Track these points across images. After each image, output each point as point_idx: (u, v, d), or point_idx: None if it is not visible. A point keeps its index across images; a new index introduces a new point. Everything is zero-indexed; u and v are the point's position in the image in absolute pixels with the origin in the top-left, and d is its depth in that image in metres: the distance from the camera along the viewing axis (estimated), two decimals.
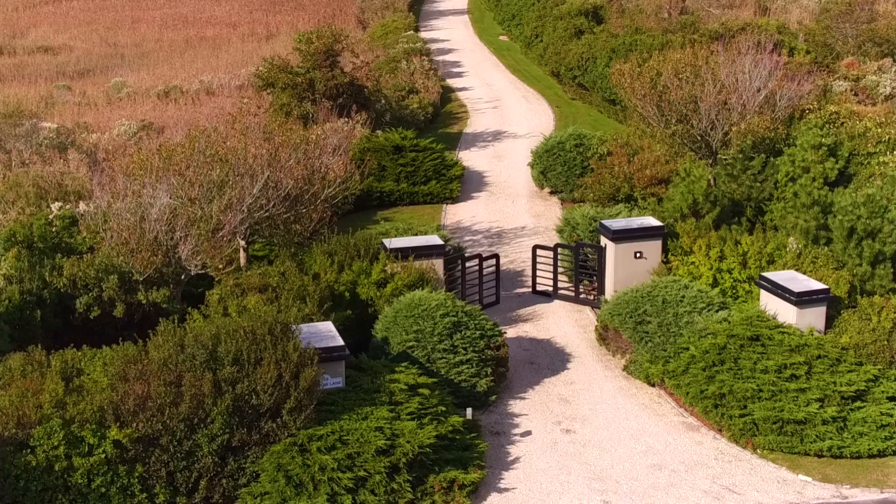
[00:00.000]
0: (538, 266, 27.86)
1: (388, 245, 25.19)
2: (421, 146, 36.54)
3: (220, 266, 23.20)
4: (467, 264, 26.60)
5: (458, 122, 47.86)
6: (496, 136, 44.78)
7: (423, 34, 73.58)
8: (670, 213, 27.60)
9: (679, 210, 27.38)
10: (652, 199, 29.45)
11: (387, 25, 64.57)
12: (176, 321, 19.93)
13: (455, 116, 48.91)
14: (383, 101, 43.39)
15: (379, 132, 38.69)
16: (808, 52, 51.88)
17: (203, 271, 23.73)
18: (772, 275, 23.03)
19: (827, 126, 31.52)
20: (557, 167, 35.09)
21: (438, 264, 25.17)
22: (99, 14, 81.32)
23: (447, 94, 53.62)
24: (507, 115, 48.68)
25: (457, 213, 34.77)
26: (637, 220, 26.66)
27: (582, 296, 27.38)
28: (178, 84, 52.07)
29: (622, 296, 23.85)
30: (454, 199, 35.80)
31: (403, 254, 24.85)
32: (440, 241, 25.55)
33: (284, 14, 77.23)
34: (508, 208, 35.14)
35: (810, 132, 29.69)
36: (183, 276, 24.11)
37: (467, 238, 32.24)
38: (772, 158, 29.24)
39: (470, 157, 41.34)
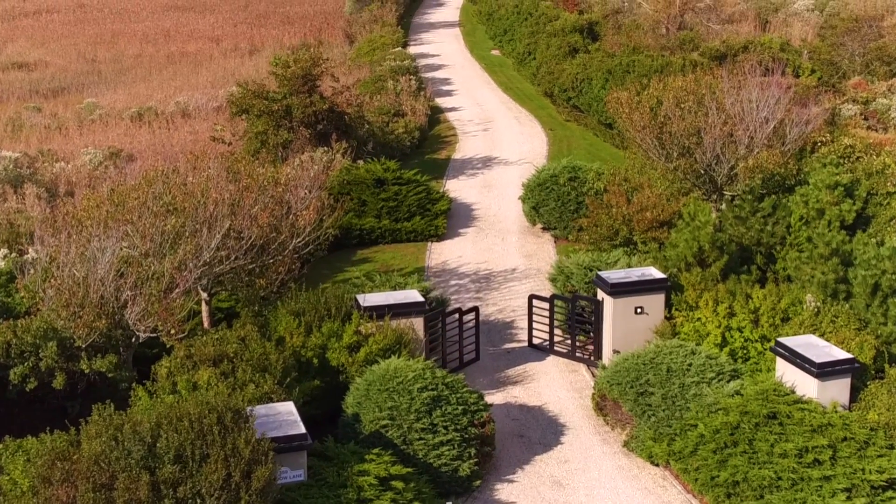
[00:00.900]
0: (534, 317, 25.42)
1: (362, 303, 22.74)
2: (405, 178, 34.11)
3: (173, 331, 20.72)
4: (448, 318, 24.17)
5: (447, 146, 45.45)
6: (486, 162, 42.36)
7: (413, 49, 71.27)
8: (673, 261, 25.18)
9: (683, 258, 24.97)
10: (653, 244, 27.05)
11: (374, 41, 62.18)
12: (125, 392, 17.47)
13: (443, 140, 46.49)
14: (367, 127, 40.97)
15: (360, 162, 36.27)
16: (813, 72, 49.62)
17: (154, 335, 21.25)
18: (789, 340, 20.61)
19: (842, 162, 29.13)
20: (550, 202, 32.68)
21: (418, 323, 22.73)
22: (79, 27, 78.88)
23: (436, 114, 51.22)
24: (498, 138, 46.28)
25: (442, 253, 32.34)
26: (637, 272, 24.25)
27: (578, 353, 24.94)
28: (154, 105, 49.61)
29: (622, 362, 21.40)
30: (440, 237, 33.35)
31: (379, 312, 22.40)
32: (420, 298, 23.09)
33: (270, 28, 74.83)
34: (498, 246, 32.70)
35: (825, 170, 27.31)
36: (133, 339, 21.65)
37: (453, 282, 29.81)
38: (783, 199, 26.83)
39: (458, 187, 38.91)
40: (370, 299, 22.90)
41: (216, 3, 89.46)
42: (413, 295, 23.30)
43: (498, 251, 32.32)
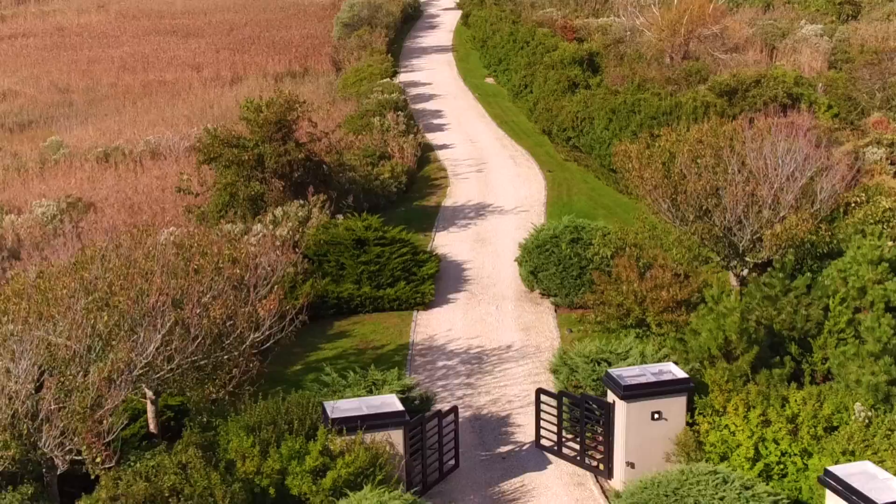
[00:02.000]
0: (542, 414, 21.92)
1: (330, 413, 19.22)
2: (388, 238, 30.63)
3: (98, 459, 17.18)
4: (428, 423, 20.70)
5: (437, 190, 41.99)
6: (479, 210, 38.90)
7: (404, 76, 67.90)
8: (695, 352, 21.71)
9: (706, 350, 21.50)
10: (669, 327, 23.58)
11: (361, 71, 58.78)
12: None
13: (433, 184, 43.03)
14: (349, 174, 37.52)
15: (340, 217, 32.79)
16: (829, 107, 46.30)
17: (78, 458, 17.71)
18: (840, 470, 17.11)
19: (883, 230, 25.70)
20: (550, 267, 29.21)
21: (397, 437, 19.23)
22: (54, 53, 75.45)
23: (426, 152, 47.79)
24: (492, 181, 42.85)
25: (429, 324, 28.82)
26: (653, 369, 20.77)
27: (587, 460, 21.41)
28: (122, 145, 46.14)
29: (638, 492, 17.88)
30: (427, 305, 29.85)
31: (351, 425, 18.89)
32: (398, 406, 19.58)
33: (253, 54, 71.45)
34: (492, 317, 29.20)
35: (865, 241, 23.86)
36: (58, 462, 18.12)
37: (441, 364, 26.29)
38: (819, 277, 23.38)
39: (448, 241, 35.44)
40: (340, 408, 19.39)
41: (200, 27, 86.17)
42: (390, 402, 19.79)
43: (492, 322, 28.81)
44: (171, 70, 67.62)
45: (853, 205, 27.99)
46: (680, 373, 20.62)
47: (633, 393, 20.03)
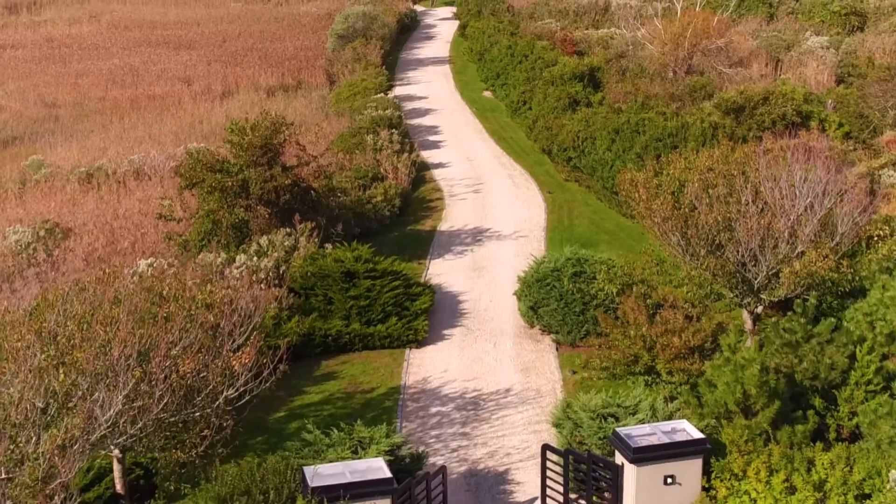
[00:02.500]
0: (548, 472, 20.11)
1: (310, 480, 17.42)
2: (379, 270, 28.83)
3: None
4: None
5: (432, 213, 40.23)
6: (476, 235, 37.15)
7: (399, 89, 66.20)
8: (711, 407, 19.94)
9: (723, 405, 19.72)
10: (680, 375, 21.81)
11: (354, 85, 57.05)
12: None
13: (428, 206, 41.27)
14: (340, 198, 35.76)
15: (329, 247, 31.00)
16: (840, 125, 44.62)
17: None
18: None
19: None
20: (551, 302, 27.44)
21: None
22: (42, 66, 73.71)
23: (421, 171, 46.04)
24: (489, 202, 41.09)
25: (423, 365, 27.01)
26: (666, 427, 19.00)
27: None
28: (105, 164, 44.34)
29: None
30: (420, 342, 28.05)
31: (332, 494, 17.11)
32: (385, 473, 17.79)
33: (245, 67, 69.72)
34: (489, 356, 27.41)
35: (892, 281, 22.10)
36: None
37: (434, 410, 24.49)
38: (843, 322, 21.62)
39: (444, 270, 33.67)
40: (322, 474, 17.60)
41: (192, 38, 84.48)
42: (377, 466, 18.00)
43: (489, 362, 27.01)
44: (160, 83, 65.87)
45: (876, 238, 26.23)
46: (695, 432, 18.84)
47: (643, 456, 18.26)
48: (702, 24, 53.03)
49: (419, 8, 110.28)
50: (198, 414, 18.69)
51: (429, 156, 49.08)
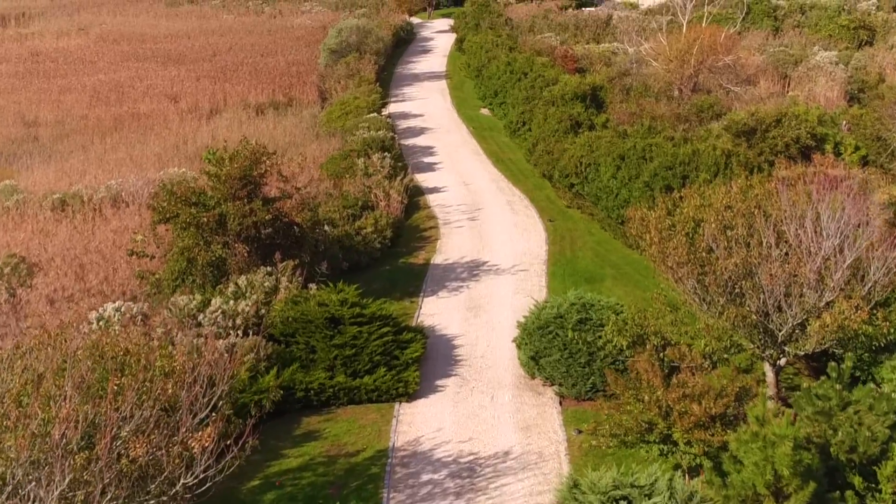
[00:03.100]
0: None
1: None
2: (367, 315, 26.45)
3: None
4: None
5: (426, 244, 37.89)
6: (473, 269, 34.80)
7: (394, 106, 63.96)
8: (737, 489, 17.57)
9: (751, 487, 17.36)
10: (700, 445, 19.46)
11: (346, 104, 54.74)
12: None
13: (422, 235, 38.94)
14: (327, 229, 33.43)
15: (313, 287, 28.67)
16: (857, 149, 42.35)
17: None
18: None
19: None
20: (554, 352, 25.08)
21: None
22: (25, 81, 71.43)
23: (415, 197, 43.75)
24: (487, 232, 38.76)
25: (413, 423, 24.62)
26: None
27: None
28: (81, 190, 41.99)
29: None
30: (411, 396, 25.67)
31: None
32: None
33: (235, 83, 67.40)
34: (486, 412, 25.02)
35: None
36: None
37: (425, 478, 22.10)
38: (884, 388, 19.28)
39: (437, 309, 31.33)
40: None
41: (182, 52, 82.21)
42: None
43: (486, 419, 24.63)
44: (146, 101, 63.57)
45: None
46: None
47: None
48: (708, 40, 50.78)
49: (416, 20, 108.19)
50: (153, 502, 16.34)
51: (423, 179, 46.79)
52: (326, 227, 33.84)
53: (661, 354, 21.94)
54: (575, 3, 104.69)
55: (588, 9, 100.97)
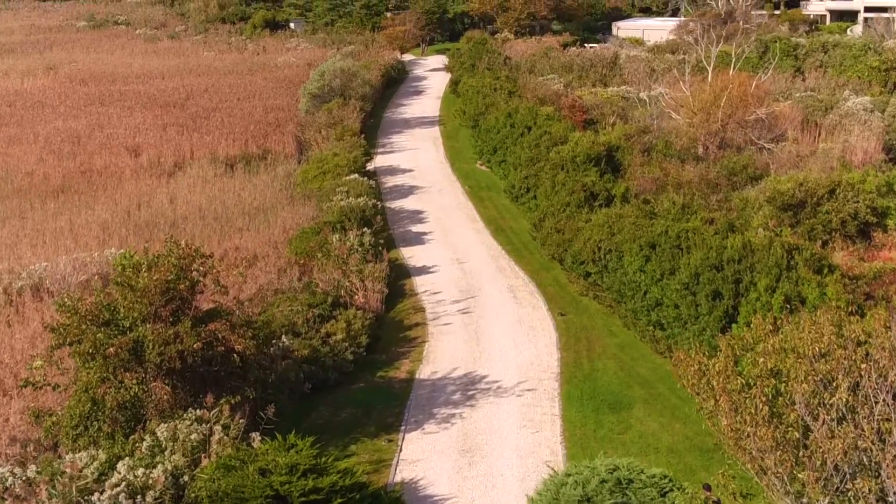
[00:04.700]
0: None
1: None
2: (325, 486, 19.50)
3: None
4: None
5: (410, 349, 30.98)
6: (468, 387, 27.88)
7: (380, 159, 57.44)
8: None
9: None
10: None
11: (324, 161, 48.00)
12: None
13: (406, 336, 32.04)
14: (285, 342, 26.55)
15: (256, 438, 21.73)
16: None
17: None
18: None
19: None
20: None
21: None
22: None
23: (400, 279, 36.98)
24: (485, 331, 31.88)
25: None
26: None
27: None
28: (1, 274, 35.09)
29: None
30: None
31: None
32: None
33: (205, 132, 60.71)
34: None
35: None
36: None
37: None
38: None
39: (422, 454, 24.35)
40: None
41: (152, 94, 75.72)
42: None
43: None
44: (103, 153, 56.78)
45: None
46: None
47: None
48: (738, 90, 44.16)
49: (409, 56, 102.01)
50: None
51: (410, 255, 40.00)
52: (284, 339, 26.96)
53: None
54: (576, 40, 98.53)
55: (591, 45, 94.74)
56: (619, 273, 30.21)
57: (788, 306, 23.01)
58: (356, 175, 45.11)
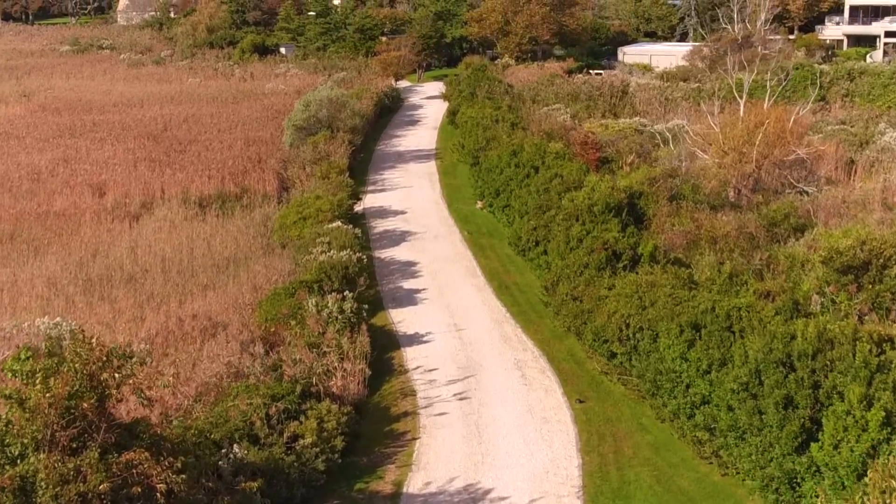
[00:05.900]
0: None
1: None
2: None
3: None
4: None
5: (397, 451, 25.32)
6: None
7: (370, 199, 52.04)
8: None
9: None
10: None
11: (305, 205, 42.46)
12: None
13: (392, 430, 26.40)
14: (238, 453, 20.91)
15: None
16: None
17: None
18: None
19: None
20: None
21: None
22: None
23: (388, 351, 31.44)
24: (488, 425, 26.25)
25: None
26: None
27: None
28: None
29: None
30: None
31: None
32: None
33: (177, 168, 55.23)
34: None
35: None
36: None
37: None
38: None
39: None
40: None
41: (128, 124, 70.35)
42: None
43: None
44: (65, 192, 51.36)
45: None
46: None
47: None
48: (775, 125, 38.73)
49: (404, 83, 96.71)
50: None
51: (401, 319, 34.44)
52: (237, 449, 21.33)
53: None
54: (581, 66, 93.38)
55: (597, 72, 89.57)
56: (654, 358, 24.62)
57: (890, 428, 17.46)
58: (339, 223, 39.54)
